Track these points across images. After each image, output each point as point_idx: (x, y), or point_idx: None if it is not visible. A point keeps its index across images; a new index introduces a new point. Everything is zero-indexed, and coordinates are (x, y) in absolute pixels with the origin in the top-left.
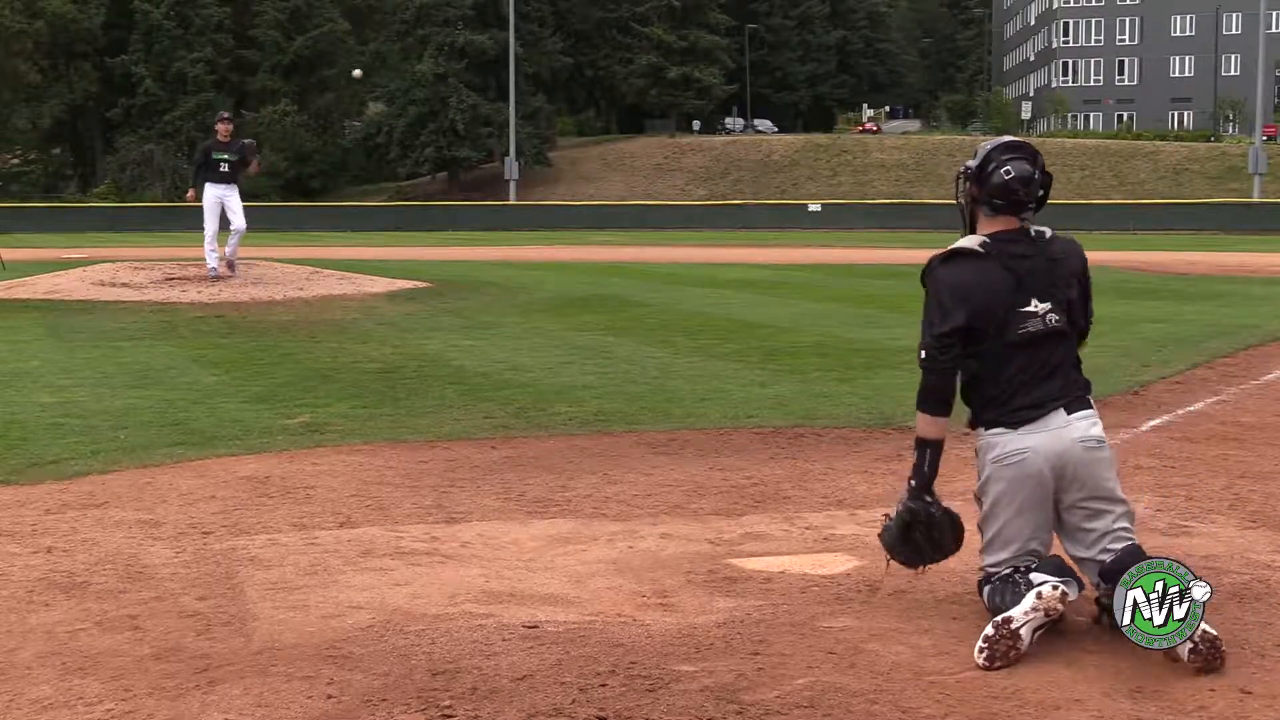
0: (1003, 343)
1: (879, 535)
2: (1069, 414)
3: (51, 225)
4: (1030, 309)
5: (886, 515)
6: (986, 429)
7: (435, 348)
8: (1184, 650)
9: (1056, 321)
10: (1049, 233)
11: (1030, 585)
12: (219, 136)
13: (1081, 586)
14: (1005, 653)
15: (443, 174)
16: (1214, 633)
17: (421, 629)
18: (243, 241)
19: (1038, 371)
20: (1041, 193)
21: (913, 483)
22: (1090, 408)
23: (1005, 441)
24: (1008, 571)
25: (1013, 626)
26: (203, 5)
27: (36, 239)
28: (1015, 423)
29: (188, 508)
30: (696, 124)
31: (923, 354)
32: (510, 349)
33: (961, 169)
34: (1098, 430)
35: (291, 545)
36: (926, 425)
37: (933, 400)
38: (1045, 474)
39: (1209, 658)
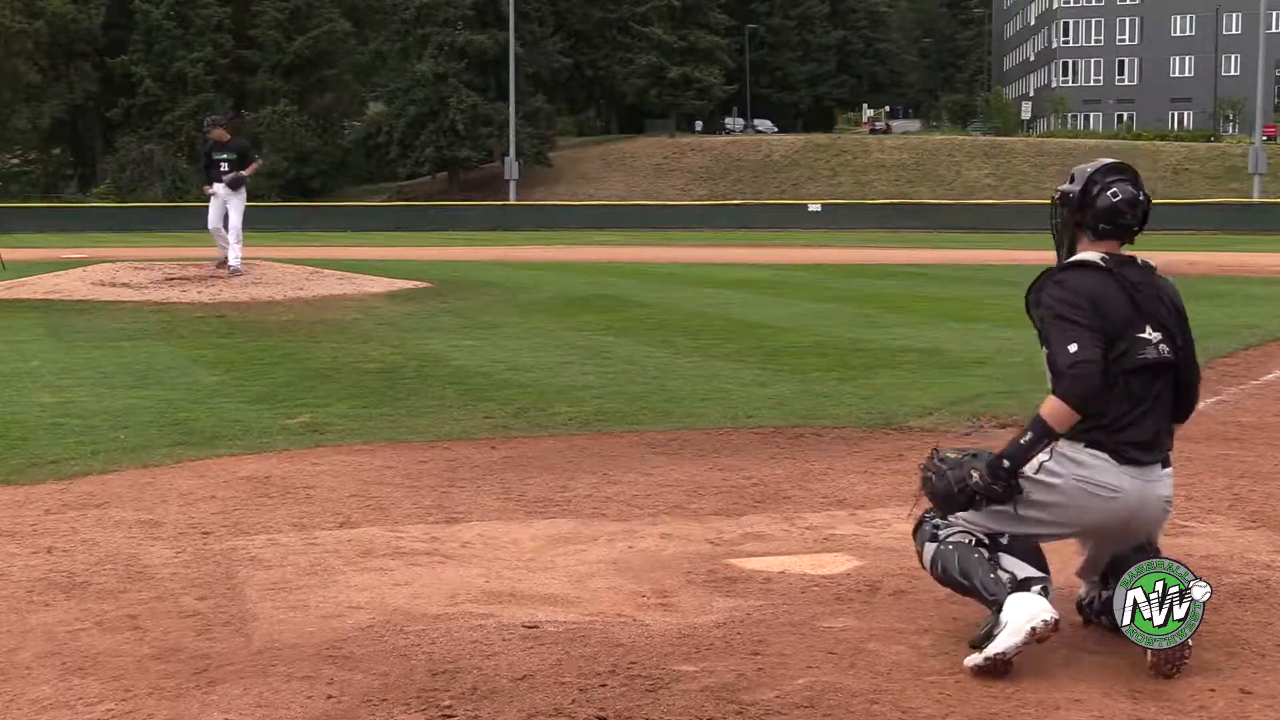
0: (1119, 368)
1: (927, 478)
2: (1164, 468)
3: (51, 225)
4: (1146, 335)
5: (939, 458)
6: (1086, 445)
7: (435, 348)
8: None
9: (1167, 353)
10: (1153, 263)
11: (1011, 579)
12: (215, 139)
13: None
14: (996, 676)
15: (443, 174)
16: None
17: (421, 629)
18: (243, 241)
19: (1150, 406)
20: (1142, 218)
21: (1006, 463)
22: (1170, 467)
23: (1102, 469)
24: (962, 537)
25: (1006, 658)
26: (203, 5)
27: (36, 239)
28: (1122, 458)
29: (188, 508)
30: (699, 124)
31: (1063, 366)
32: (510, 349)
33: (1057, 193)
34: (1171, 490)
35: (291, 545)
36: (1061, 416)
37: (1075, 394)
38: (1120, 518)
39: (1171, 659)
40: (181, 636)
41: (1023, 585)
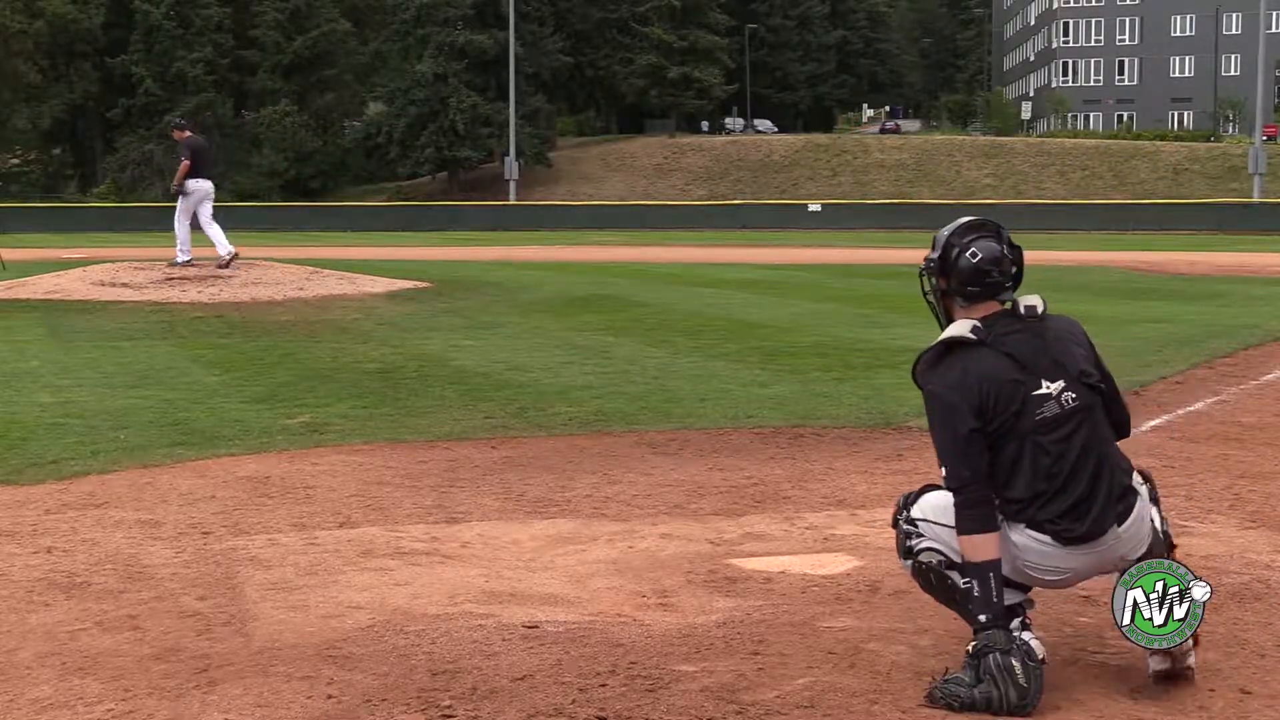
0: (1019, 436)
1: (949, 695)
2: (1119, 527)
3: (51, 225)
4: (1043, 391)
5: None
6: (1028, 526)
7: (435, 348)
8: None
9: (1074, 400)
10: (1040, 306)
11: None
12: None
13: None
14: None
15: (443, 174)
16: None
17: (421, 629)
18: (243, 242)
19: (1076, 464)
20: (1015, 269)
21: (983, 618)
22: (1133, 508)
23: (1047, 554)
24: (932, 558)
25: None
26: (203, 5)
27: (36, 239)
28: (1064, 539)
29: (188, 508)
30: (705, 125)
31: (945, 478)
32: (510, 349)
33: (923, 263)
34: (1136, 542)
35: (291, 545)
36: (980, 547)
37: (977, 519)
38: (1079, 580)
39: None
40: (181, 636)
41: (1007, 614)
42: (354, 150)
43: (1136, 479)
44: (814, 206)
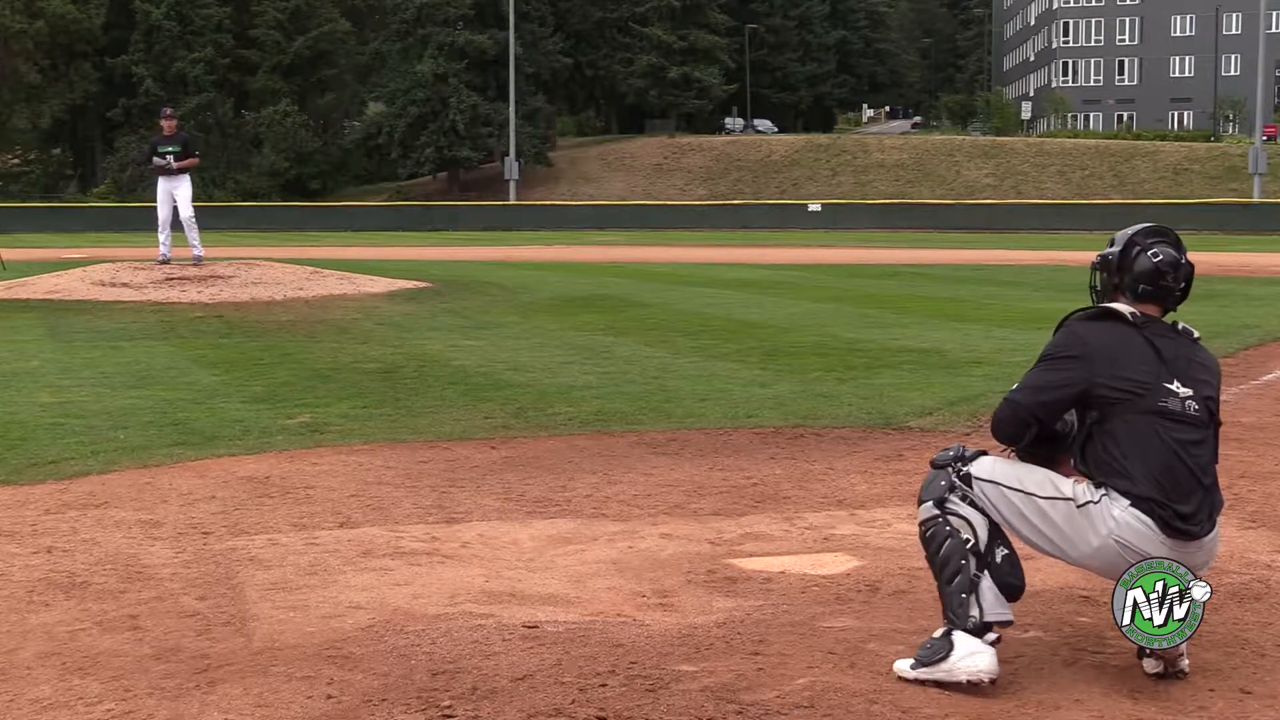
0: (1139, 411)
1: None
2: (1206, 536)
3: (51, 225)
4: (1172, 388)
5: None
6: (1133, 504)
7: (435, 348)
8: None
9: (1196, 410)
10: (1196, 334)
11: (980, 617)
12: (164, 131)
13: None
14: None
15: (443, 174)
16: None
17: (421, 629)
18: (243, 242)
19: (1194, 467)
20: (1184, 284)
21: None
22: (1217, 524)
23: (1144, 535)
24: (963, 526)
25: (938, 684)
26: (203, 5)
27: (36, 239)
28: (1172, 531)
29: (188, 508)
30: (718, 123)
31: (1016, 396)
32: (510, 349)
33: (1097, 257)
34: (1211, 554)
35: (291, 545)
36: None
37: (995, 424)
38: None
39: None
40: (181, 636)
41: (983, 629)
42: (354, 150)
43: None
44: (814, 206)
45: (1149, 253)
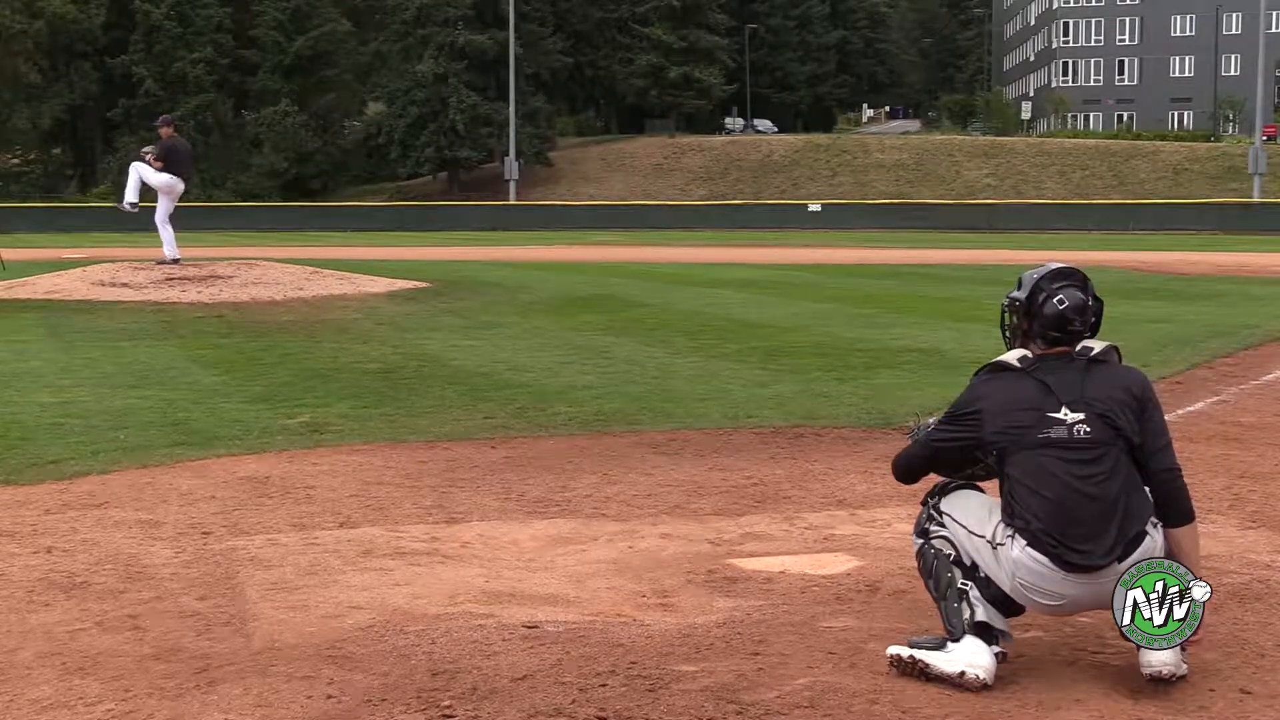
0: (1025, 448)
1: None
2: (1120, 563)
3: (51, 225)
4: (1058, 415)
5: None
6: (1029, 544)
7: (435, 348)
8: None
9: (1088, 433)
10: (1097, 349)
11: (971, 618)
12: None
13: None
14: (910, 676)
15: (443, 174)
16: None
17: (421, 629)
18: (243, 242)
19: (1086, 495)
20: (1094, 320)
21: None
22: (1140, 545)
23: (1041, 575)
24: (944, 545)
25: (926, 672)
26: (203, 5)
27: (36, 239)
28: (1068, 566)
29: (188, 508)
30: (718, 123)
31: (913, 446)
32: (510, 349)
33: (1006, 300)
34: None
35: (291, 545)
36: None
37: (897, 474)
38: (1071, 610)
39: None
40: (181, 636)
41: (982, 629)
42: (354, 150)
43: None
44: (814, 206)
45: (1055, 299)
